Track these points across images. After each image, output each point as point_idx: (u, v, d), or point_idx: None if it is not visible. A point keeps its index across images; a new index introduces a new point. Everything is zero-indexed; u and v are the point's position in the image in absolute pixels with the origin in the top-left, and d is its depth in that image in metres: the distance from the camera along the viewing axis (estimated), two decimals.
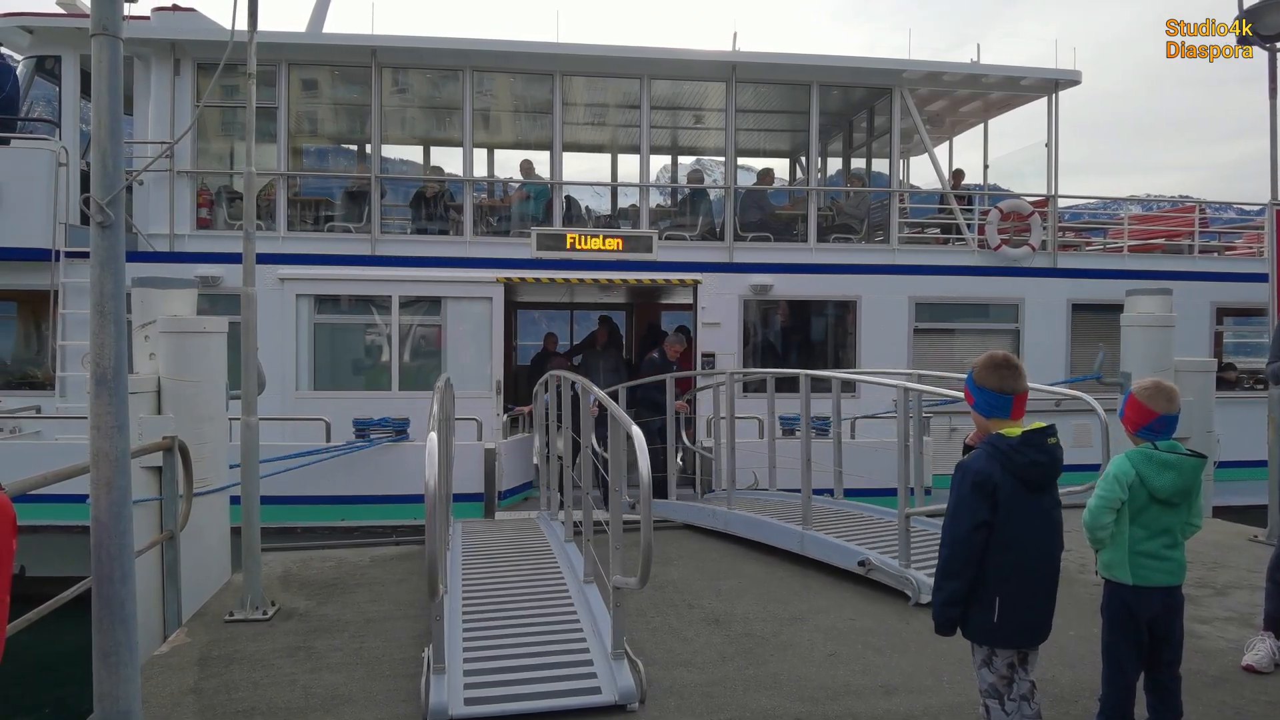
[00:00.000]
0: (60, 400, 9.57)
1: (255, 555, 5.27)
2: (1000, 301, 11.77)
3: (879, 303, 11.33)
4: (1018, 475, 2.79)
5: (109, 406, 3.10)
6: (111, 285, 3.14)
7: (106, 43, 3.16)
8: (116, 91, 3.17)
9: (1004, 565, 2.82)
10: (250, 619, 5.13)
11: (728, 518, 7.05)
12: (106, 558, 3.10)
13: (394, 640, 4.81)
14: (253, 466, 5.31)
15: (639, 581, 3.46)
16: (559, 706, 3.74)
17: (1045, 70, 12.09)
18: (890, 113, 11.97)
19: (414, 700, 3.92)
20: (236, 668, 4.41)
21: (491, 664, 4.05)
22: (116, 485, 3.11)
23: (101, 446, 3.09)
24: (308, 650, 4.65)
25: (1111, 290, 10.31)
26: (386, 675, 4.29)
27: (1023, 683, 2.92)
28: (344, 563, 6.50)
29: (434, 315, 10.66)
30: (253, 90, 5.40)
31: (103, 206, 3.09)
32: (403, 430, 9.18)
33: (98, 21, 3.11)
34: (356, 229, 11.04)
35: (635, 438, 3.57)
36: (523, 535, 6.71)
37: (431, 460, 3.29)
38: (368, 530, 8.47)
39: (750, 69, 11.47)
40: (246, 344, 5.38)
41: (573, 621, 4.56)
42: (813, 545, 6.07)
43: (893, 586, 5.33)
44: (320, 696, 4.05)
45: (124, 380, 3.15)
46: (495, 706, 3.70)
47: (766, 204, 12.33)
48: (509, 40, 11.19)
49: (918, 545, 5.60)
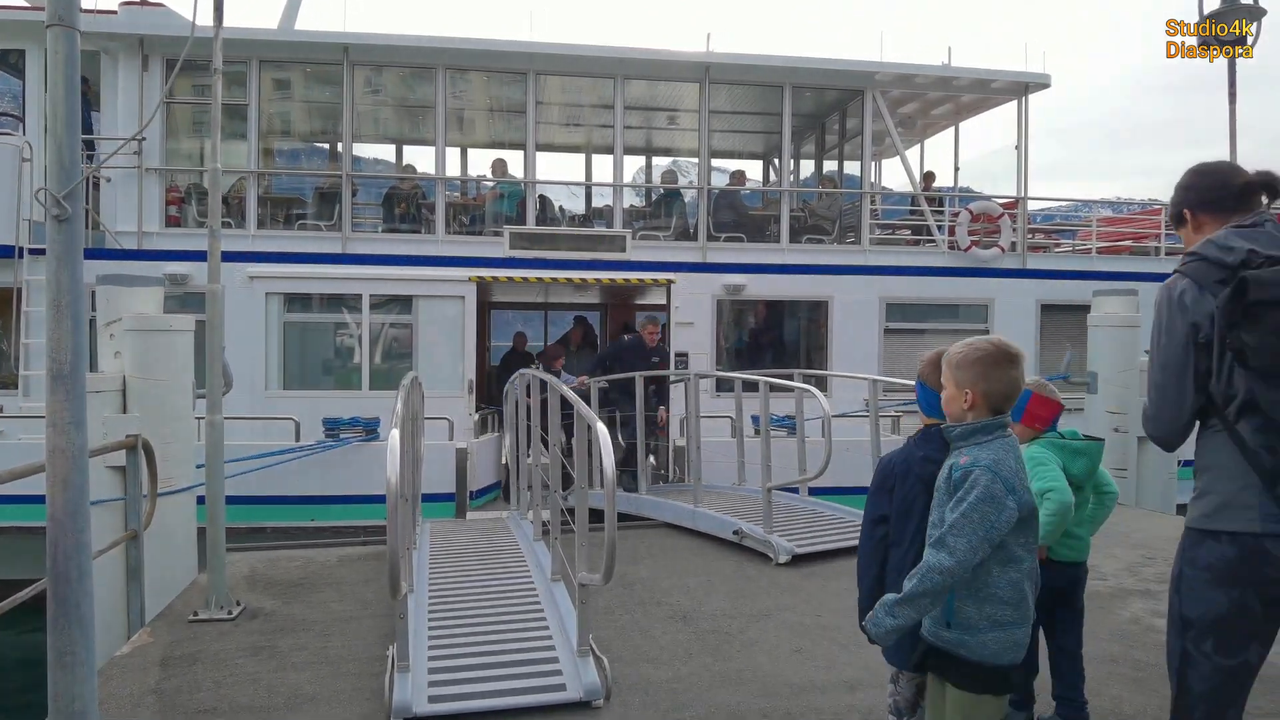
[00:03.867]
0: (24, 399, 9.42)
1: (220, 555, 5.22)
2: (970, 302, 11.90)
3: (851, 303, 11.42)
4: (918, 470, 2.62)
5: (65, 402, 3.06)
6: (68, 279, 3.11)
7: (62, 34, 3.09)
8: (74, 83, 3.12)
9: (900, 566, 2.57)
10: (215, 619, 5.08)
11: (639, 502, 7.98)
12: (62, 556, 3.05)
13: (359, 639, 4.78)
14: (217, 466, 5.26)
15: (603, 578, 3.47)
16: (523, 704, 3.73)
17: (1015, 73, 12.24)
18: (862, 115, 12.06)
19: (378, 698, 3.90)
20: (199, 667, 4.36)
21: (456, 662, 4.04)
22: (73, 483, 3.07)
23: (58, 443, 3.04)
24: (271, 649, 4.61)
25: (1079, 291, 10.45)
26: (351, 674, 4.27)
27: None
28: (311, 562, 6.45)
29: (406, 314, 10.61)
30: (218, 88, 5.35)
31: (59, 200, 3.05)
32: (373, 430, 9.12)
33: (53, 13, 3.05)
34: (328, 227, 10.97)
35: (600, 434, 3.57)
36: (492, 535, 6.70)
37: (393, 458, 3.27)
38: (338, 530, 8.41)
39: (724, 70, 11.52)
40: (211, 342, 5.32)
41: (539, 619, 4.55)
42: (702, 520, 6.99)
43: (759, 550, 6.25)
44: (283, 695, 4.02)
45: (81, 376, 3.11)
46: (459, 704, 3.69)
47: (740, 205, 12.39)
48: (483, 39, 11.13)
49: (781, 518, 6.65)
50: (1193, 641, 2.33)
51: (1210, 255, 2.33)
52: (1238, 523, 2.25)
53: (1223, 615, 2.27)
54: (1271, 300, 2.13)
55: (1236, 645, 2.28)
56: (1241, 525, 2.25)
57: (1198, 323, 2.30)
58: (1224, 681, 2.30)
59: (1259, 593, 2.24)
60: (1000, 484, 2.26)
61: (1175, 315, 2.34)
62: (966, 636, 2.36)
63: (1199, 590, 2.31)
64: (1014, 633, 2.34)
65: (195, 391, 6.44)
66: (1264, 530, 2.21)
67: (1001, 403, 2.41)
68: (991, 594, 2.33)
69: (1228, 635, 2.28)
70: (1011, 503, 2.27)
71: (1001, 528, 2.26)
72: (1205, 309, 2.29)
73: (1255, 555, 2.23)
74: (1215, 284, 2.28)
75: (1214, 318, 2.26)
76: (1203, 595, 2.31)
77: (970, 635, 2.35)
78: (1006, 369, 2.39)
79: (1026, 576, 2.37)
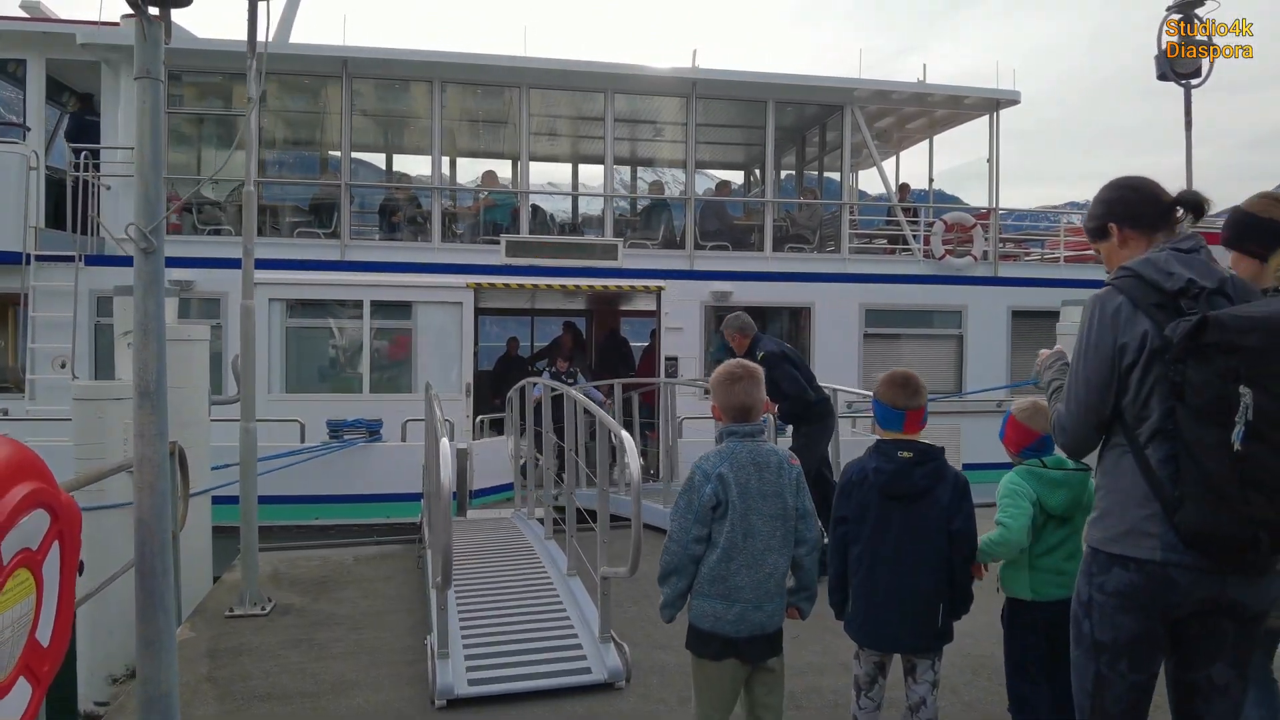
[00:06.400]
0: (30, 403, 9.62)
1: (253, 553, 5.56)
2: (945, 308, 12.41)
3: (832, 310, 11.88)
4: (871, 479, 3.05)
5: (151, 415, 3.40)
6: (154, 306, 3.44)
7: (149, 85, 3.44)
8: (158, 129, 3.47)
9: (856, 560, 3.09)
10: (250, 614, 5.42)
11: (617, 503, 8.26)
12: (149, 554, 3.40)
13: (389, 631, 5.15)
14: (251, 469, 5.59)
15: (629, 570, 3.86)
16: (554, 685, 4.14)
17: (987, 90, 12.76)
18: (841, 128, 12.54)
19: (417, 684, 4.28)
20: (245, 658, 4.71)
21: (489, 649, 4.43)
22: (158, 488, 3.43)
23: (145, 452, 3.39)
24: (310, 642, 4.97)
25: (1049, 298, 10.99)
26: (388, 663, 4.64)
27: (913, 693, 3.13)
28: (329, 561, 6.79)
29: (405, 320, 10.93)
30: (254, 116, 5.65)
31: (146, 234, 3.41)
32: (375, 431, 9.43)
33: (141, 65, 3.39)
34: (325, 235, 11.25)
35: (626, 443, 3.98)
36: (502, 533, 7.06)
37: (446, 465, 3.65)
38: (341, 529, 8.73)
39: (710, 85, 11.94)
40: (246, 354, 5.65)
41: (559, 610, 4.95)
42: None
43: None
44: (330, 683, 4.38)
45: (164, 392, 3.45)
46: (496, 686, 4.08)
47: (725, 214, 12.82)
48: (477, 54, 11.47)
49: None
50: (1107, 664, 2.37)
51: (1148, 275, 2.31)
52: (1142, 550, 2.28)
53: (1135, 637, 2.33)
54: (1226, 345, 2.11)
55: (1145, 661, 2.36)
56: (1145, 553, 2.27)
57: (1126, 344, 2.30)
58: (1138, 698, 2.38)
59: (1162, 616, 2.31)
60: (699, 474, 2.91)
61: (1105, 331, 2.34)
62: None
63: (1110, 616, 2.35)
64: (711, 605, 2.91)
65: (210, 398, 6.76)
66: (1165, 559, 2.24)
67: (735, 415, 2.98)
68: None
69: (1139, 654, 2.34)
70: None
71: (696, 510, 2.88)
72: (1137, 329, 2.29)
73: (1161, 583, 2.27)
74: (1151, 306, 2.28)
75: (1144, 339, 2.27)
76: (1113, 620, 2.34)
77: None
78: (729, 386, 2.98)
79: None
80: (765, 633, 2.93)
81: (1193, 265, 2.31)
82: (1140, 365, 2.28)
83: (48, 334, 9.79)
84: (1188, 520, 2.20)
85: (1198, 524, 2.19)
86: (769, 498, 2.89)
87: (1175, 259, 2.32)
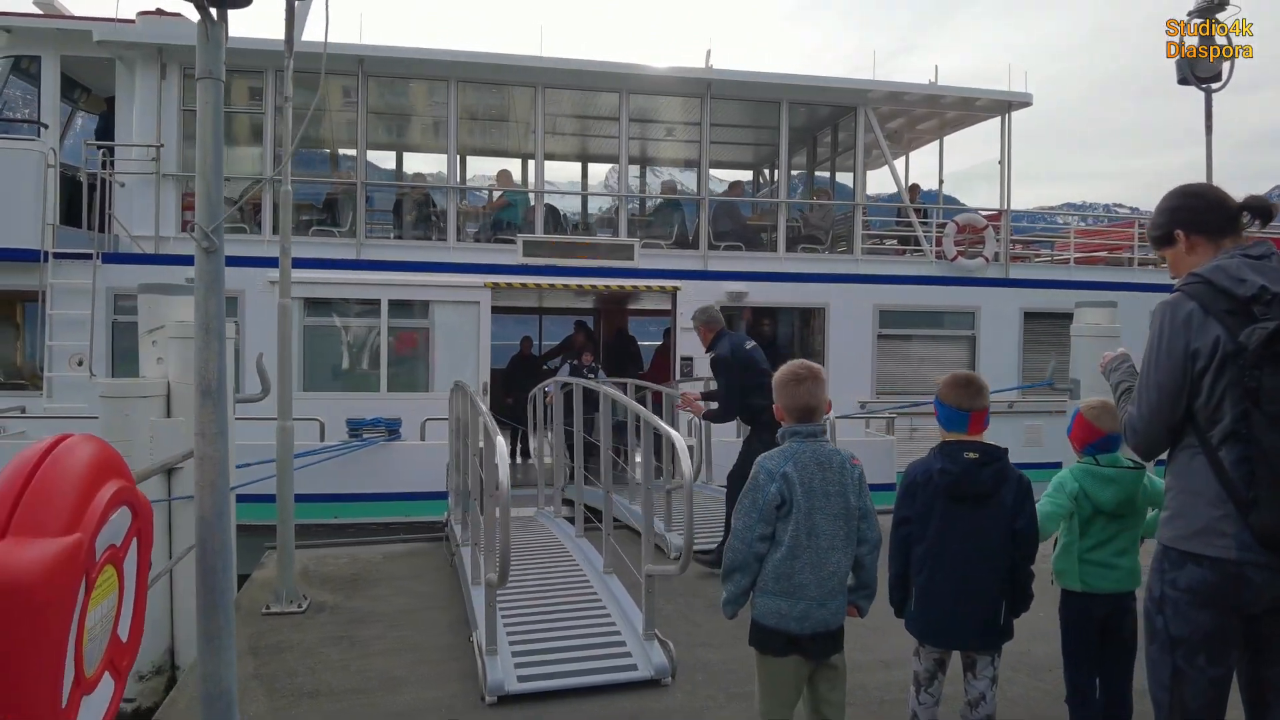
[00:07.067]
0: (47, 401, 9.62)
1: (289, 552, 5.58)
2: (957, 309, 12.47)
3: (845, 310, 11.93)
4: (937, 480, 3.08)
5: (213, 415, 3.42)
6: (215, 305, 3.47)
7: (211, 85, 3.45)
8: (219, 130, 3.48)
9: (920, 560, 3.12)
10: (287, 612, 5.44)
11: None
12: (210, 551, 3.42)
13: (429, 628, 5.18)
14: (288, 467, 5.62)
15: (680, 567, 3.90)
16: (601, 682, 4.17)
17: (999, 92, 12.82)
18: (854, 129, 12.59)
19: (464, 680, 4.31)
20: (289, 655, 4.74)
21: (535, 646, 4.46)
22: (219, 486, 3.45)
23: (206, 451, 3.41)
24: (351, 639, 4.99)
25: (1061, 300, 11.04)
26: (432, 660, 4.67)
27: (972, 688, 3.16)
28: (358, 559, 6.82)
29: (422, 319, 10.94)
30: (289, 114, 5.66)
31: (207, 233, 3.43)
32: (395, 430, 9.43)
33: (204, 66, 3.40)
34: (340, 234, 11.27)
35: (676, 442, 4.01)
36: (531, 532, 7.07)
37: (504, 465, 3.68)
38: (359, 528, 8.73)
39: (724, 86, 11.98)
40: (283, 353, 5.67)
41: (600, 608, 4.98)
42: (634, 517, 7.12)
43: None
44: (376, 679, 4.41)
45: (225, 391, 3.47)
46: (546, 683, 4.11)
47: (738, 214, 12.86)
48: (495, 54, 11.48)
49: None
50: (1184, 658, 2.39)
51: (1219, 282, 2.34)
52: (1215, 549, 2.33)
53: (1211, 632, 2.37)
54: None
55: (1222, 655, 2.40)
56: (1219, 552, 2.32)
57: (1198, 349, 2.34)
58: (1217, 692, 2.41)
59: (1238, 612, 2.35)
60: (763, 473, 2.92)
61: (1177, 337, 2.37)
62: None
63: (1184, 611, 2.39)
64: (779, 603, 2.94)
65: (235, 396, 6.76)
66: (1240, 559, 2.30)
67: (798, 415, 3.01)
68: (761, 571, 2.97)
69: (1215, 649, 2.38)
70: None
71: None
72: (1208, 335, 2.32)
73: (1235, 581, 2.32)
74: (1223, 312, 2.31)
75: (1216, 344, 2.31)
76: (1188, 616, 2.38)
77: None
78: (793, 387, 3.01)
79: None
80: (828, 629, 2.97)
81: (1264, 272, 2.35)
82: (1213, 370, 2.32)
83: (65, 331, 9.79)
84: (1263, 521, 2.27)
85: (1273, 525, 2.26)
86: (832, 497, 2.93)
87: (1247, 265, 2.36)
